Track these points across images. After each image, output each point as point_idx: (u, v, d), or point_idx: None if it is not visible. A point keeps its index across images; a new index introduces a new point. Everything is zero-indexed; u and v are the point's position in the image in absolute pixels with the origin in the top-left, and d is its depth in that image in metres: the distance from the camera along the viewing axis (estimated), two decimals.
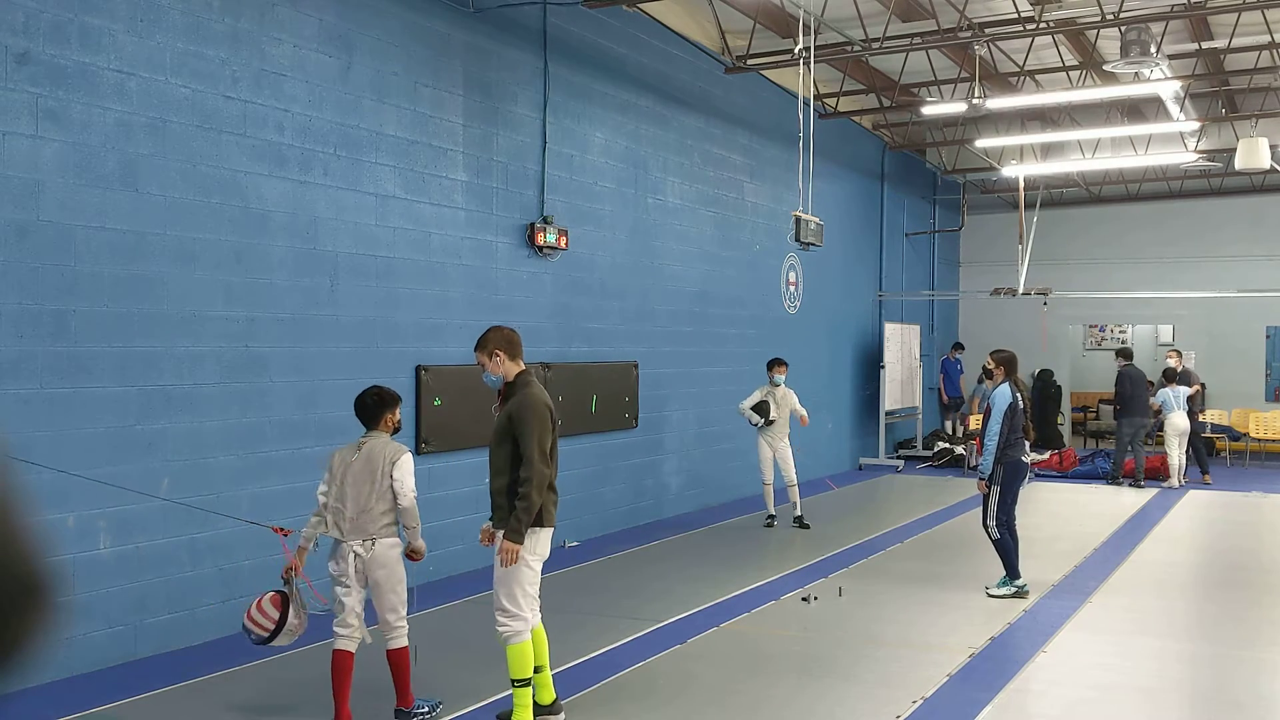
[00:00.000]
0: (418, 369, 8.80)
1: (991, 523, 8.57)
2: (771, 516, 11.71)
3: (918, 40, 12.22)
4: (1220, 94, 15.34)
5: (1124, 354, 15.87)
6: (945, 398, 19.85)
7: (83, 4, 6.37)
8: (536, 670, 5.65)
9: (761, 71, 13.48)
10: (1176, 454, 15.30)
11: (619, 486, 11.51)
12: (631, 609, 8.12)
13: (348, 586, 5.49)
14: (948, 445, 18.17)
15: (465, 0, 9.25)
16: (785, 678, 6.48)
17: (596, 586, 8.91)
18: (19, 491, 1.21)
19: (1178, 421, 15.17)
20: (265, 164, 7.51)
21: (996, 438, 8.41)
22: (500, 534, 5.43)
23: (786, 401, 11.55)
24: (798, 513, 11.66)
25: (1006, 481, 8.52)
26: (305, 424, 7.83)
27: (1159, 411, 15.32)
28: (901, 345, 18.14)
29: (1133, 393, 15.17)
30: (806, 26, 11.00)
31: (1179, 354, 16.73)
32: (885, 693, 6.18)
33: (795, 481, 11.71)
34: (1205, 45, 12.87)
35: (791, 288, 15.10)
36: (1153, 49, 11.08)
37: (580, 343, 10.83)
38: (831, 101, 15.17)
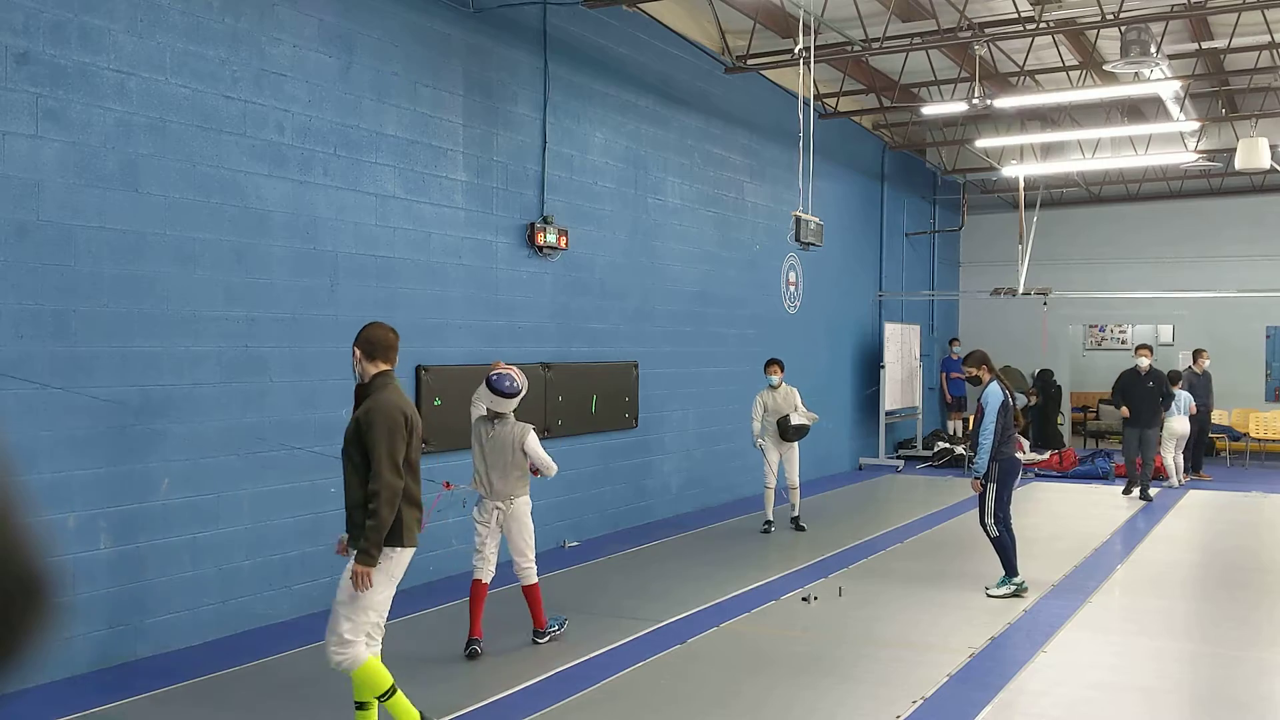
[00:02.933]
0: (418, 369, 8.79)
1: (990, 520, 8.62)
2: (769, 523, 11.43)
3: (918, 40, 12.22)
4: (1220, 94, 15.34)
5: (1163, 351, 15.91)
6: (949, 397, 19.81)
7: (83, 4, 6.37)
8: (360, 706, 5.15)
9: (761, 71, 13.48)
10: (1173, 455, 15.36)
11: (619, 486, 11.51)
12: (631, 609, 8.12)
13: (486, 530, 6.97)
14: (948, 445, 18.17)
15: (465, 0, 9.25)
16: (786, 678, 6.48)
17: (596, 586, 8.91)
18: (19, 491, 1.21)
19: (1176, 426, 15.18)
20: (265, 164, 7.51)
21: (991, 436, 8.47)
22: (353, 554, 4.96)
23: (789, 402, 11.30)
24: (795, 513, 11.53)
25: (1002, 479, 8.59)
26: (305, 424, 7.83)
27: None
28: (901, 345, 18.15)
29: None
30: (806, 26, 11.00)
31: (1205, 354, 16.68)
32: (885, 693, 6.18)
33: (797, 485, 11.55)
34: (1205, 45, 12.86)
35: (791, 288, 15.10)
36: (1153, 49, 11.08)
37: (580, 343, 10.83)
38: (831, 101, 15.17)
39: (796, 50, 11.02)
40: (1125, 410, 14.36)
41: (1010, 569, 8.66)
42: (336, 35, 8.08)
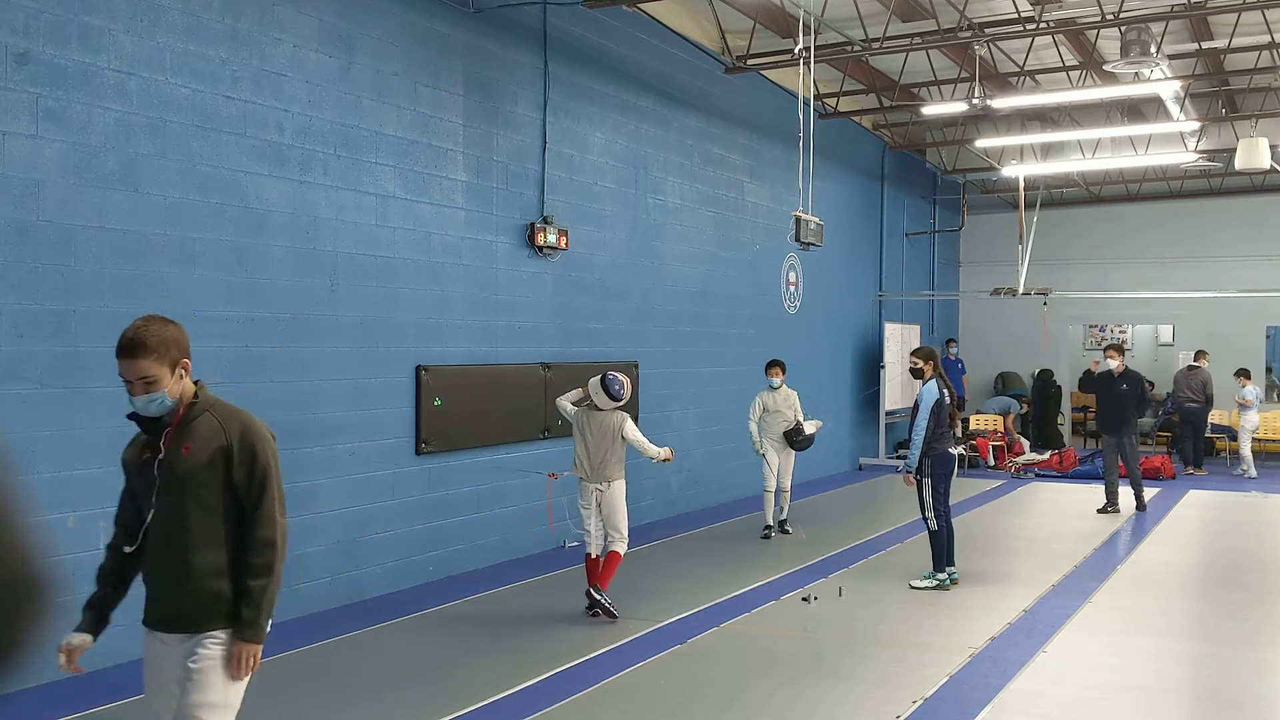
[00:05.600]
0: (418, 369, 8.80)
1: (930, 514, 8.85)
2: (770, 528, 11.14)
3: (918, 40, 12.22)
4: (1220, 94, 15.34)
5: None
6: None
7: (83, 4, 6.37)
8: None
9: (761, 71, 13.48)
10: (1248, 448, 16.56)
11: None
12: (631, 609, 8.12)
13: (589, 511, 7.86)
14: None
15: (465, 0, 9.25)
16: (786, 678, 6.48)
17: None
18: (19, 491, 1.21)
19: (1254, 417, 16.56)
20: (265, 164, 7.51)
21: (923, 433, 8.71)
22: (221, 638, 3.66)
23: (788, 404, 11.11)
24: (783, 517, 11.25)
25: (936, 473, 8.79)
26: (305, 424, 7.83)
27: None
28: (901, 345, 18.12)
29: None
30: (806, 26, 11.00)
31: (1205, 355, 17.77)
32: (885, 693, 6.18)
33: (788, 488, 11.27)
34: (1205, 45, 12.86)
35: (791, 288, 15.09)
36: (1153, 49, 11.08)
37: (580, 343, 10.83)
38: (831, 101, 15.17)
39: (796, 50, 11.02)
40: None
41: (939, 563, 8.87)
42: (336, 35, 8.08)
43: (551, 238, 10.10)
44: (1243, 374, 16.85)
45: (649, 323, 11.95)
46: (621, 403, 7.86)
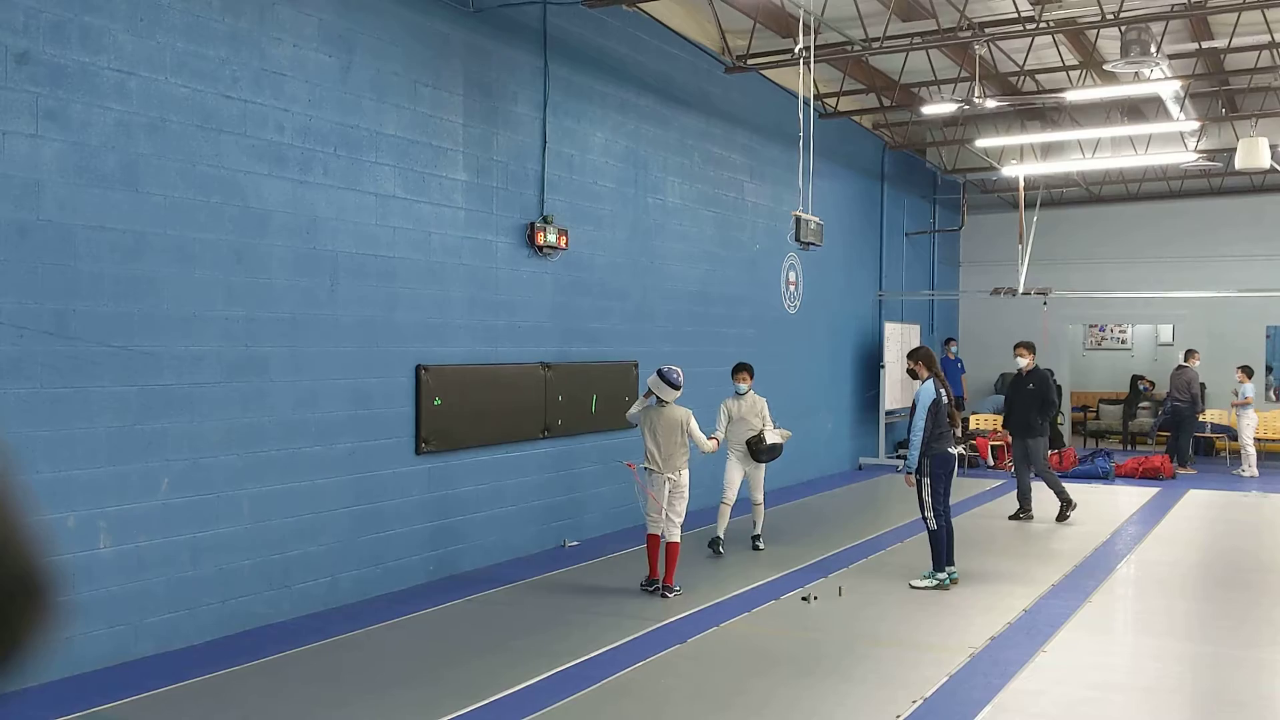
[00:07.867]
0: (418, 369, 8.80)
1: (929, 514, 8.87)
2: (718, 539, 10.16)
3: (918, 40, 12.22)
4: (1220, 94, 15.34)
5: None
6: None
7: (83, 4, 6.37)
8: None
9: (761, 71, 13.47)
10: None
11: (619, 486, 11.49)
12: (632, 609, 8.12)
13: (659, 497, 8.49)
14: None
15: (465, 0, 9.25)
16: (785, 678, 6.48)
17: (597, 586, 8.92)
18: (19, 491, 1.21)
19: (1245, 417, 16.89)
20: (265, 164, 7.51)
21: (921, 433, 8.74)
22: None
23: (755, 411, 10.22)
24: (756, 531, 10.47)
25: (935, 473, 8.82)
26: (305, 424, 7.83)
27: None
28: (901, 345, 18.12)
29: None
30: (806, 26, 11.00)
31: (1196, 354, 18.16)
32: (885, 693, 6.18)
33: (761, 500, 10.51)
34: (1205, 45, 12.87)
35: (791, 288, 15.09)
36: (1153, 49, 11.08)
37: (580, 343, 10.83)
38: (831, 101, 15.17)
39: (796, 50, 11.02)
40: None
41: (938, 563, 8.88)
42: (336, 35, 8.07)
43: (551, 237, 10.10)
44: (1244, 370, 16.84)
45: (649, 323, 11.95)
46: (681, 391, 8.53)
